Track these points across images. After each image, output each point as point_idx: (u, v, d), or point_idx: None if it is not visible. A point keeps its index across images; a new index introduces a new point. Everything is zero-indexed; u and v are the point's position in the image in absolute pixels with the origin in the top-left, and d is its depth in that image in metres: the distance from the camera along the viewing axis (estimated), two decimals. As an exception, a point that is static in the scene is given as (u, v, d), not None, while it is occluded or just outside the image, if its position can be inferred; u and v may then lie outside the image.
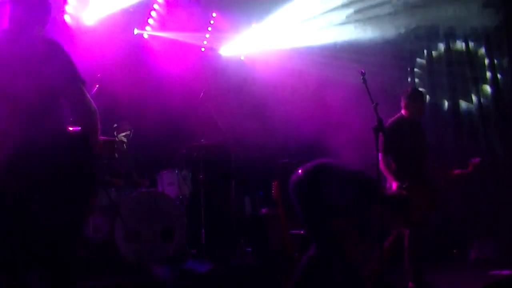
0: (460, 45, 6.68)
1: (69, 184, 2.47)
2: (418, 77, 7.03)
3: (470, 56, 6.60)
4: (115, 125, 5.89)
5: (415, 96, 4.60)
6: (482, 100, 6.47)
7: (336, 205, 1.98)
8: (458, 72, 6.67)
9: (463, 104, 6.67)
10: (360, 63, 5.70)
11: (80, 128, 2.63)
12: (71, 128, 2.65)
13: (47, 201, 2.44)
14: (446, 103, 6.78)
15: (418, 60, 7.04)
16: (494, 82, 6.34)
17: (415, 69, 7.05)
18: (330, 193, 2.03)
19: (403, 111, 4.61)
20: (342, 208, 1.97)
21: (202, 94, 6.09)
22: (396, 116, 4.62)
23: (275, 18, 7.02)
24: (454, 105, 6.69)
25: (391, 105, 4.84)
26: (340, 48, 6.64)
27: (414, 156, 4.44)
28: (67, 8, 6.01)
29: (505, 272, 5.21)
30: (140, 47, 6.82)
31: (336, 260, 2.02)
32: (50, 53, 2.55)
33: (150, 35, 6.87)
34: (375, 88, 3.71)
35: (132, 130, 5.95)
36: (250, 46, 7.55)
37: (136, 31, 6.74)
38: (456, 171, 4.59)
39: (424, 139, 4.67)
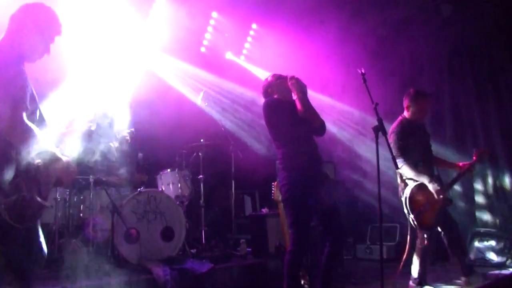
0: None
1: None
2: None
3: None
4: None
5: (418, 97, 4.49)
6: None
7: None
8: None
9: None
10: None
11: None
12: None
13: None
14: None
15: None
16: None
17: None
18: None
19: (405, 113, 4.53)
20: None
21: (202, 93, 6.10)
22: (398, 119, 4.52)
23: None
24: None
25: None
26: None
27: (422, 158, 4.38)
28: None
29: (505, 272, 5.21)
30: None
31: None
32: None
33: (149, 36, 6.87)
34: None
35: (133, 131, 5.96)
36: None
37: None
38: (462, 163, 4.53)
39: (428, 139, 4.58)
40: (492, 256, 6.03)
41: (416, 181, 4.25)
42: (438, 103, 6.79)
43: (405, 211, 4.25)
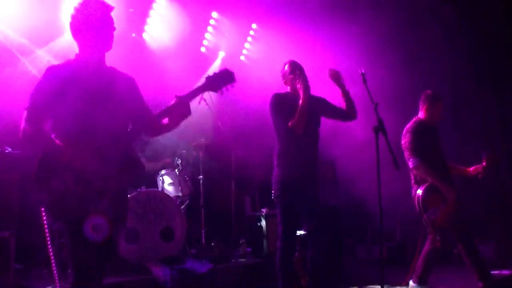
0: None
1: None
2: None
3: None
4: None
5: (436, 100, 4.42)
6: None
7: None
8: None
9: None
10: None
11: None
12: None
13: None
14: None
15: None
16: None
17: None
18: None
19: (421, 115, 4.47)
20: None
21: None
22: (414, 120, 4.45)
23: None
24: None
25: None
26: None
27: (439, 160, 4.33)
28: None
29: (505, 272, 5.22)
30: (138, 48, 6.81)
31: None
32: None
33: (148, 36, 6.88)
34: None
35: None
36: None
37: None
38: (472, 168, 4.47)
39: (441, 143, 4.52)
40: (492, 257, 6.03)
41: (429, 181, 4.21)
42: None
43: (418, 211, 4.23)
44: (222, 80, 2.55)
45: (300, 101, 3.81)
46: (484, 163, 4.38)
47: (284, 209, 3.82)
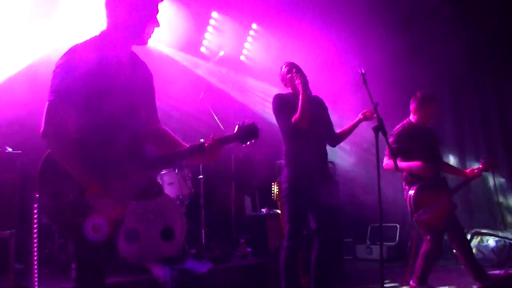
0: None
1: None
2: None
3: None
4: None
5: (425, 101, 4.43)
6: None
7: None
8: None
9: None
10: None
11: None
12: None
13: None
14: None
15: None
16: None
17: None
18: None
19: (411, 116, 4.49)
20: None
21: (202, 93, 6.10)
22: (403, 122, 4.49)
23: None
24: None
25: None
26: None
27: (428, 161, 4.29)
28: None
29: (505, 272, 5.22)
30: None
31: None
32: None
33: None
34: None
35: None
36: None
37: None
38: (469, 170, 4.51)
39: (436, 144, 4.54)
40: (492, 256, 6.03)
41: (420, 182, 4.22)
42: (438, 105, 6.79)
43: (410, 211, 4.24)
44: (250, 135, 2.58)
45: (300, 96, 3.81)
46: (481, 166, 4.40)
47: (292, 208, 3.81)
